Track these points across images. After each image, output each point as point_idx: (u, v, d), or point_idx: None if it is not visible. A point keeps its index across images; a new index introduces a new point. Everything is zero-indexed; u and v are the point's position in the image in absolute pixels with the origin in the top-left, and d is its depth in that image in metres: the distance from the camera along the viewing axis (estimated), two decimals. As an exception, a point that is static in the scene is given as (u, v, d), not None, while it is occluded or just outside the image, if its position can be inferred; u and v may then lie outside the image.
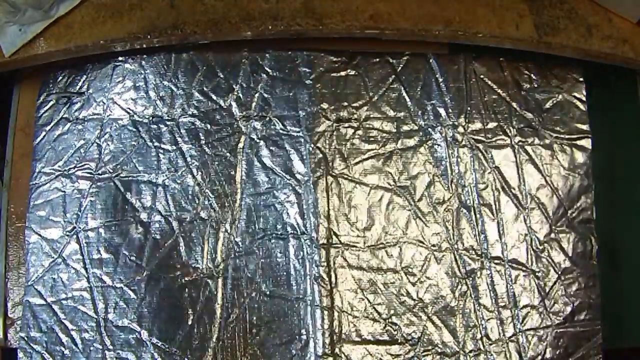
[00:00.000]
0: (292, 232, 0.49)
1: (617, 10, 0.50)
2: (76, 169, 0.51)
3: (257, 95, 0.51)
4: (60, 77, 0.53)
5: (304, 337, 0.47)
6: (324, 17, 0.48)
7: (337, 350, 0.47)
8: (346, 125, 0.50)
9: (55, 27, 0.49)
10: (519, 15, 0.49)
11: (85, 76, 0.53)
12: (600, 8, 0.50)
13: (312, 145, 0.50)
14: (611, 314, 0.50)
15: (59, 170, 0.51)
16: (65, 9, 0.49)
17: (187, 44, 0.50)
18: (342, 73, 0.51)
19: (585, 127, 0.52)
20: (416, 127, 0.51)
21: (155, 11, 0.49)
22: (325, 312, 0.47)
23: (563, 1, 0.50)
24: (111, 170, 0.51)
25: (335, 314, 0.47)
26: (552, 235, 0.50)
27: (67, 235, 0.50)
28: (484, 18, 0.49)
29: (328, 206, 0.49)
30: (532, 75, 0.52)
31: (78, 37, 0.49)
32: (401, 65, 0.52)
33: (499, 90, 0.52)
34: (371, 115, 0.51)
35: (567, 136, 0.51)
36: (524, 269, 0.49)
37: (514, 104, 0.52)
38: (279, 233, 0.49)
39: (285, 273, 0.48)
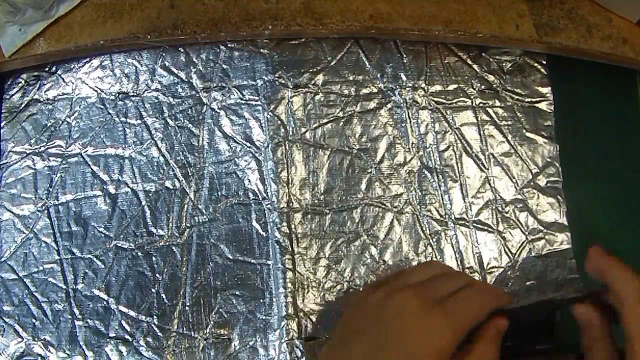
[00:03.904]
0: (254, 198, 0.49)
1: (617, 10, 0.50)
2: (47, 147, 0.52)
3: (217, 66, 0.52)
4: None
5: (267, 299, 0.48)
6: (324, 17, 0.48)
7: (300, 312, 0.47)
8: (304, 90, 0.51)
9: (55, 27, 0.50)
10: (519, 15, 0.49)
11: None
12: (600, 8, 0.50)
13: (271, 113, 0.50)
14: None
15: (30, 149, 0.52)
16: (65, 9, 0.50)
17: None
18: (300, 40, 0.52)
19: (546, 90, 0.51)
20: (375, 90, 0.51)
21: (155, 11, 0.49)
22: (288, 275, 0.47)
23: (563, 1, 0.50)
24: (80, 147, 0.52)
25: (298, 275, 0.48)
26: (518, 196, 0.50)
27: (39, 211, 0.51)
28: (484, 18, 0.49)
29: (288, 171, 0.49)
30: None
31: (78, 37, 0.50)
32: None
33: (460, 53, 0.52)
34: (330, 80, 0.51)
35: (527, 99, 0.51)
36: (489, 229, 0.49)
37: (475, 67, 0.52)
38: (241, 199, 0.49)
39: (248, 238, 0.49)
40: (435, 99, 0.51)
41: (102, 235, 0.50)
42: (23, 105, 0.53)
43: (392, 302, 0.35)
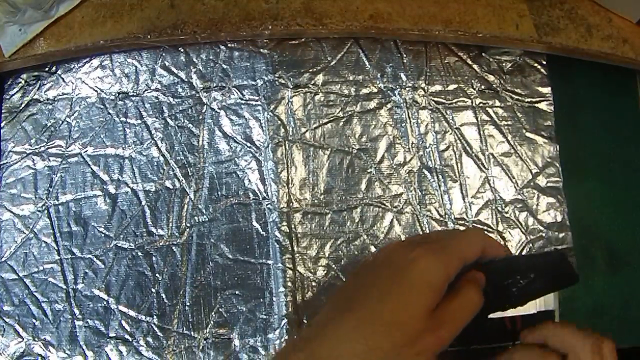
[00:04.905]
0: (254, 197, 0.49)
1: (617, 10, 0.50)
2: (47, 147, 0.52)
3: (217, 66, 0.52)
4: None
5: (267, 299, 0.48)
6: (324, 17, 0.49)
7: (300, 310, 0.47)
8: (304, 90, 0.51)
9: (55, 27, 0.50)
10: (519, 15, 0.49)
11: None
12: (600, 8, 0.50)
13: (271, 113, 0.50)
14: (611, 314, 0.49)
15: (30, 149, 0.52)
16: (65, 9, 0.50)
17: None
18: (300, 40, 0.52)
19: (546, 90, 0.52)
20: (375, 90, 0.51)
21: (155, 11, 0.50)
22: (288, 274, 0.47)
23: (563, 1, 0.50)
24: (80, 147, 0.52)
25: (298, 275, 0.48)
26: (518, 196, 0.50)
27: (39, 211, 0.51)
28: (484, 18, 0.49)
29: (288, 171, 0.49)
30: None
31: (78, 37, 0.50)
32: None
33: (460, 53, 0.52)
34: (330, 80, 0.51)
35: (527, 99, 0.51)
36: (489, 229, 0.49)
37: (475, 67, 0.52)
38: (241, 199, 0.49)
39: (248, 238, 0.49)
40: (435, 99, 0.51)
41: (102, 235, 0.50)
42: (23, 105, 0.53)
43: (381, 252, 0.36)
